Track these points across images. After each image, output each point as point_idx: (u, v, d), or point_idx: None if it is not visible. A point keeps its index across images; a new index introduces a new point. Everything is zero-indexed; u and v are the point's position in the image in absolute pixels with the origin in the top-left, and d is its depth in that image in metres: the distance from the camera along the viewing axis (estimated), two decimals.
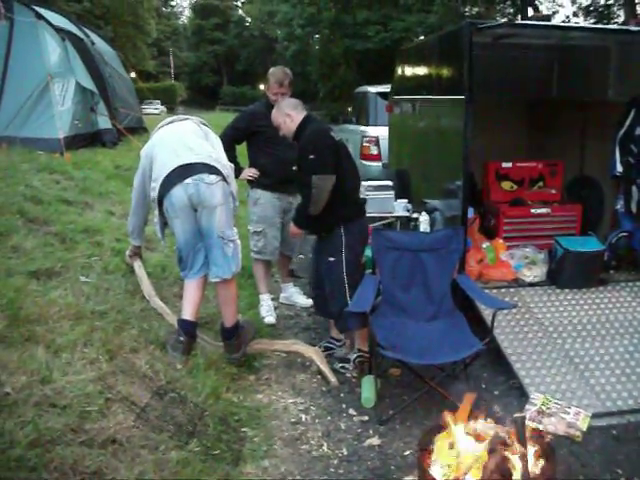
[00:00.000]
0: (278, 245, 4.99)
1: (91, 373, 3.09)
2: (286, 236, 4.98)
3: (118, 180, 7.36)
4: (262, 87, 39.00)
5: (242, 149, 4.96)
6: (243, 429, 3.38)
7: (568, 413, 3.50)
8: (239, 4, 71.41)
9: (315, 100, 34.46)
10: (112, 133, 10.76)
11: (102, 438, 2.72)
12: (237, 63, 62.09)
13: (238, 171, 4.73)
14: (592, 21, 28.94)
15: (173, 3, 75.79)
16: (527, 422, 3.12)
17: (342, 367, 4.14)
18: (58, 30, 9.87)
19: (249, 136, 4.87)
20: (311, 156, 3.85)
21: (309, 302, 5.25)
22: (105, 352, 3.34)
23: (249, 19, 65.30)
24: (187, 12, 76.60)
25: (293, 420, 3.57)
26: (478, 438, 2.66)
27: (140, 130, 12.92)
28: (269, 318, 4.89)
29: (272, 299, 5.14)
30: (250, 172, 4.87)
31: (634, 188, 5.01)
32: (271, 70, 4.84)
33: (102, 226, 5.24)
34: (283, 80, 4.70)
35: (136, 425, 2.93)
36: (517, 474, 2.51)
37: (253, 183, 4.92)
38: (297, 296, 5.43)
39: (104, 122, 10.58)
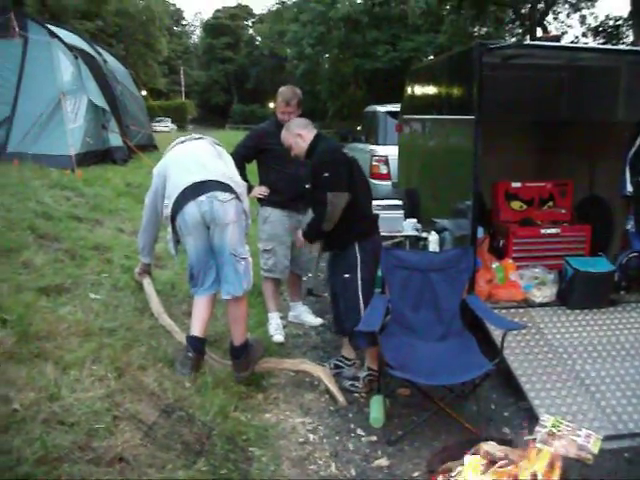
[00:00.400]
0: (288, 264, 4.97)
1: (99, 391, 3.09)
2: (296, 255, 4.99)
3: (128, 197, 7.40)
4: (272, 105, 39.24)
5: (252, 167, 4.98)
6: (251, 449, 3.36)
7: (579, 435, 3.44)
8: (250, 23, 72.14)
9: (324, 119, 34.68)
10: (123, 150, 10.84)
11: (109, 456, 2.71)
12: (247, 82, 62.56)
13: (249, 189, 4.72)
14: (601, 41, 29.05)
15: (184, 22, 76.56)
16: (537, 444, 3.10)
17: (352, 385, 4.13)
18: (71, 48, 9.99)
19: (259, 154, 4.87)
20: (325, 174, 3.87)
21: (318, 321, 5.31)
22: (113, 369, 3.33)
23: (259, 38, 65.89)
24: (198, 31, 77.41)
25: (301, 440, 3.55)
26: (489, 460, 2.64)
27: (150, 147, 13.02)
28: (278, 337, 4.85)
29: (281, 317, 5.12)
30: (261, 190, 4.86)
31: None
32: (280, 89, 4.84)
33: (112, 243, 5.26)
34: (290, 99, 4.71)
35: (143, 443, 2.92)
36: None
37: (263, 201, 4.90)
38: (306, 315, 5.37)
39: (115, 139, 10.67)
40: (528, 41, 18.32)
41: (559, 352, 4.22)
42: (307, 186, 4.12)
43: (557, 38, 4.93)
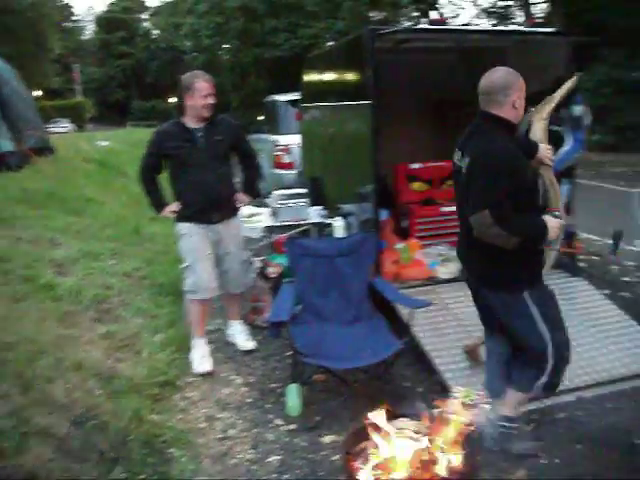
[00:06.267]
0: (213, 281, 4.38)
1: (3, 408, 2.97)
2: (228, 270, 4.48)
3: (25, 204, 7.08)
4: (172, 100, 38.51)
5: None
6: (169, 450, 3.33)
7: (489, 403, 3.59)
8: (145, 16, 70.29)
9: (228, 110, 34.35)
10: (17, 156, 10.36)
11: (20, 476, 2.62)
12: (146, 76, 61.03)
13: (161, 206, 4.38)
14: (493, 22, 29.93)
15: (75, 17, 73.55)
16: (449, 415, 3.21)
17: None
18: None
19: (163, 161, 4.34)
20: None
21: (249, 345, 4.67)
22: (19, 385, 3.21)
23: (156, 31, 64.38)
24: (92, 26, 74.68)
25: (220, 436, 3.54)
26: (402, 436, 2.71)
27: (46, 151, 12.48)
28: (204, 366, 4.30)
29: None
30: (171, 208, 4.35)
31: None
32: (188, 76, 4.23)
33: (10, 253, 5.03)
34: (211, 79, 4.23)
35: (56, 457, 2.84)
36: (441, 467, 2.57)
37: (177, 216, 4.36)
38: (239, 336, 4.73)
39: (7, 145, 10.18)
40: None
41: (465, 325, 4.35)
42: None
43: (443, 21, 5.04)
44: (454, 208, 5.36)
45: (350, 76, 5.17)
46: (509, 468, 3.12)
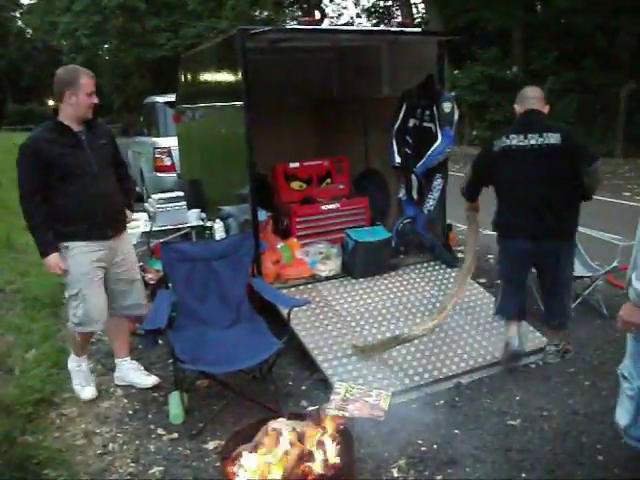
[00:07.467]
0: (105, 307, 3.85)
1: None
2: (123, 292, 3.97)
3: None
4: (52, 103, 36.84)
5: None
6: (45, 471, 3.19)
7: (371, 396, 3.67)
8: (17, 15, 66.73)
9: (110, 113, 33.33)
10: None
11: None
12: (21, 78, 58.02)
13: (50, 248, 3.64)
14: (374, 22, 30.66)
15: None
16: (332, 411, 3.26)
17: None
18: None
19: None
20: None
21: (151, 380, 4.10)
22: None
23: (30, 31, 61.29)
24: None
25: (99, 451, 3.41)
26: (280, 437, 2.72)
27: None
28: (88, 390, 3.96)
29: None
30: (60, 263, 3.67)
31: (413, 176, 5.34)
32: (70, 70, 3.66)
33: None
34: (93, 75, 3.69)
35: None
36: (317, 465, 2.60)
37: (59, 236, 3.66)
38: (134, 374, 4.12)
39: None
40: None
41: (347, 320, 4.44)
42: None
43: (314, 21, 5.07)
44: (334, 206, 5.54)
45: (223, 76, 5.13)
46: (390, 458, 3.19)
